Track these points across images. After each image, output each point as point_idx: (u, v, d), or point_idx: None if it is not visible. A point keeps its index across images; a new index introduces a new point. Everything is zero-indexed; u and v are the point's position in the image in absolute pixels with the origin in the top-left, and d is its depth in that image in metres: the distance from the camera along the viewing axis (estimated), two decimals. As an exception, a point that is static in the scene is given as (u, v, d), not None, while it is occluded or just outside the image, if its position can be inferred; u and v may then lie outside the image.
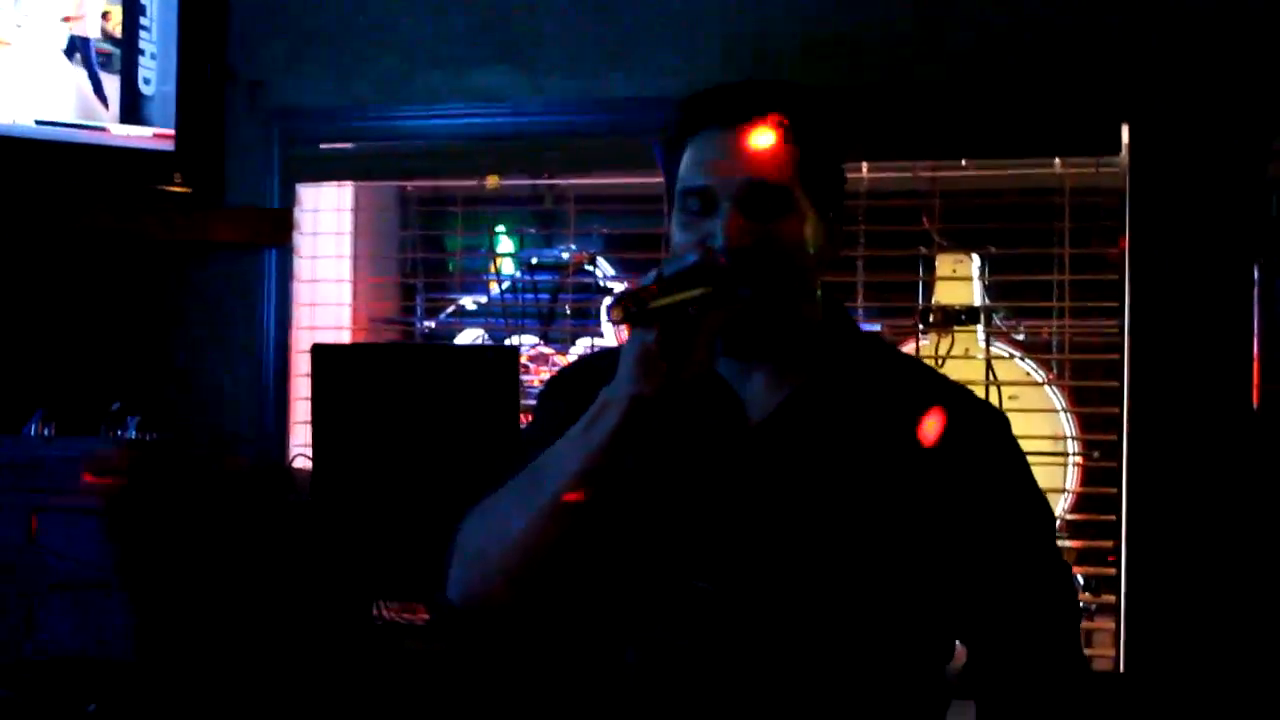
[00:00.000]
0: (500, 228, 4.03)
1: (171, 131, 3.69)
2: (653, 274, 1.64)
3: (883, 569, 1.77)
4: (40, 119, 3.57)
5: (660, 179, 1.89)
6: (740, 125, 1.75)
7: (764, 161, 1.74)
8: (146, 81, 3.67)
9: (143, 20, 3.66)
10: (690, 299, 1.62)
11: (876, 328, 3.64)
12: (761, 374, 1.83)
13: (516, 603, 1.79)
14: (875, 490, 1.78)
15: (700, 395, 1.79)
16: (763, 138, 1.75)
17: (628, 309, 1.59)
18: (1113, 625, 3.40)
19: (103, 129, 3.63)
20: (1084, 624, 3.48)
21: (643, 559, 1.79)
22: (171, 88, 3.69)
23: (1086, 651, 3.44)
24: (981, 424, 1.89)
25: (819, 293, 1.88)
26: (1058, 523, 3.43)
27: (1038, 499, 1.91)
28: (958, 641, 1.92)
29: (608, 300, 1.57)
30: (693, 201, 1.76)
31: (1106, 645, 3.45)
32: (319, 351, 3.49)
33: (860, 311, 3.60)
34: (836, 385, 1.83)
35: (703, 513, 1.78)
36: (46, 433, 3.29)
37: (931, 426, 1.82)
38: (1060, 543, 3.35)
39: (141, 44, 3.66)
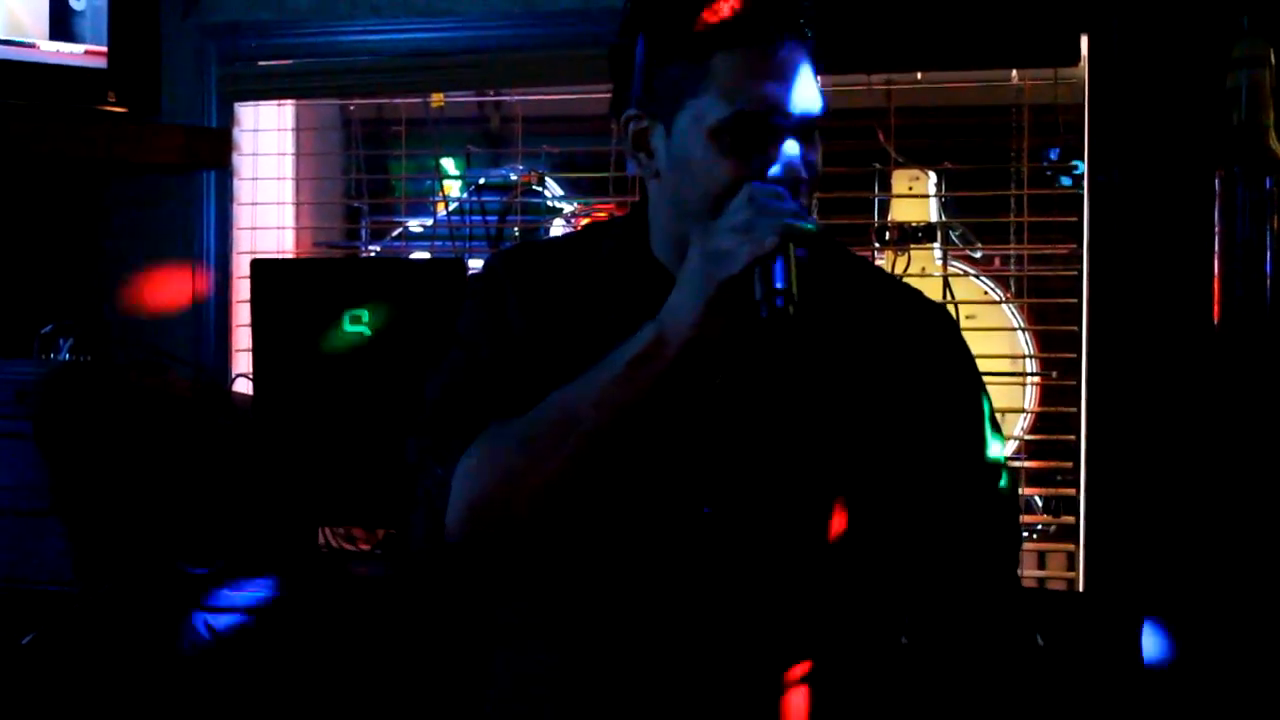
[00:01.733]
0: (447, 160, 3.99)
1: (104, 48, 3.60)
2: (770, 241, 1.56)
3: (859, 473, 1.79)
4: (-36, 37, 3.50)
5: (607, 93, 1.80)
6: (789, 44, 1.66)
7: (813, 87, 1.67)
8: (76, -4, 3.62)
9: (70, -69, 3.60)
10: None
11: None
12: None
13: (532, 536, 1.76)
14: (849, 398, 1.78)
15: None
16: (805, 59, 1.67)
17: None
18: (1072, 546, 3.38)
19: (31, 45, 3.53)
20: (1043, 545, 3.52)
21: (643, 484, 1.75)
22: (103, 2, 3.60)
23: (1045, 572, 3.48)
24: (934, 328, 1.90)
25: None
26: (1016, 444, 3.47)
27: (985, 405, 1.91)
28: None
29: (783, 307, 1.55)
30: (747, 128, 1.65)
31: (1066, 566, 3.45)
32: (259, 266, 3.41)
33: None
34: (810, 299, 1.78)
35: (700, 433, 1.76)
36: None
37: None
38: (1019, 463, 3.39)
39: (69, -44, 3.60)
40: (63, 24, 3.55)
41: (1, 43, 3.48)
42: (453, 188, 3.94)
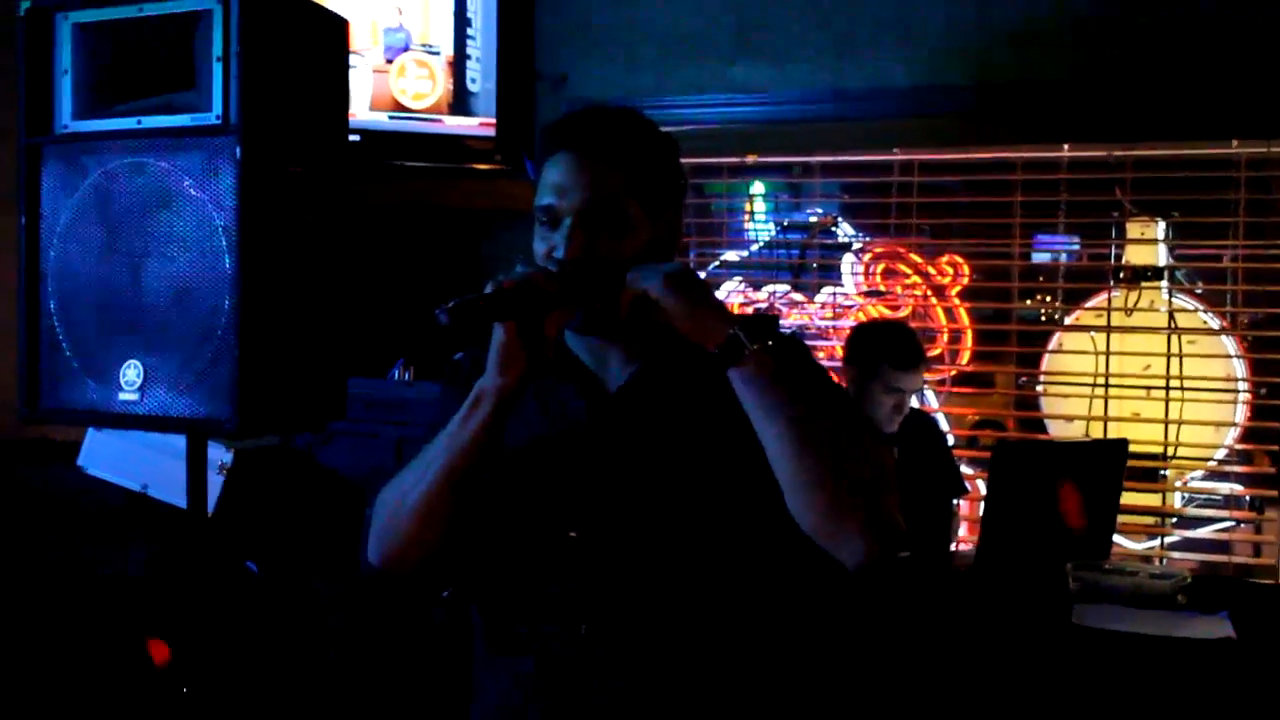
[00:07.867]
0: (758, 187, 4.13)
1: (493, 120, 3.94)
2: (489, 285, 1.66)
3: (721, 501, 1.77)
4: (392, 114, 3.86)
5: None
6: (577, 150, 1.79)
7: (596, 184, 1.77)
8: (473, 81, 3.93)
9: (469, 31, 3.93)
10: (509, 308, 1.65)
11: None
12: (615, 353, 1.84)
13: (422, 562, 1.82)
14: (705, 439, 1.78)
15: (565, 374, 1.82)
16: (594, 162, 1.78)
17: (454, 318, 1.62)
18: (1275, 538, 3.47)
19: (438, 120, 3.90)
20: (1250, 536, 3.58)
21: (523, 516, 1.81)
22: (493, 85, 3.93)
23: (1253, 560, 3.55)
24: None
25: None
26: (1224, 452, 3.54)
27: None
28: None
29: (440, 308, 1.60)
30: (542, 216, 1.80)
31: (1272, 555, 3.51)
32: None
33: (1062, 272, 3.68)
34: (671, 358, 1.82)
35: (572, 471, 1.80)
36: (407, 377, 3.46)
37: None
38: (1229, 468, 3.49)
39: (469, 50, 3.93)
40: (462, 102, 3.92)
41: (417, 118, 3.87)
42: (760, 220, 4.10)
